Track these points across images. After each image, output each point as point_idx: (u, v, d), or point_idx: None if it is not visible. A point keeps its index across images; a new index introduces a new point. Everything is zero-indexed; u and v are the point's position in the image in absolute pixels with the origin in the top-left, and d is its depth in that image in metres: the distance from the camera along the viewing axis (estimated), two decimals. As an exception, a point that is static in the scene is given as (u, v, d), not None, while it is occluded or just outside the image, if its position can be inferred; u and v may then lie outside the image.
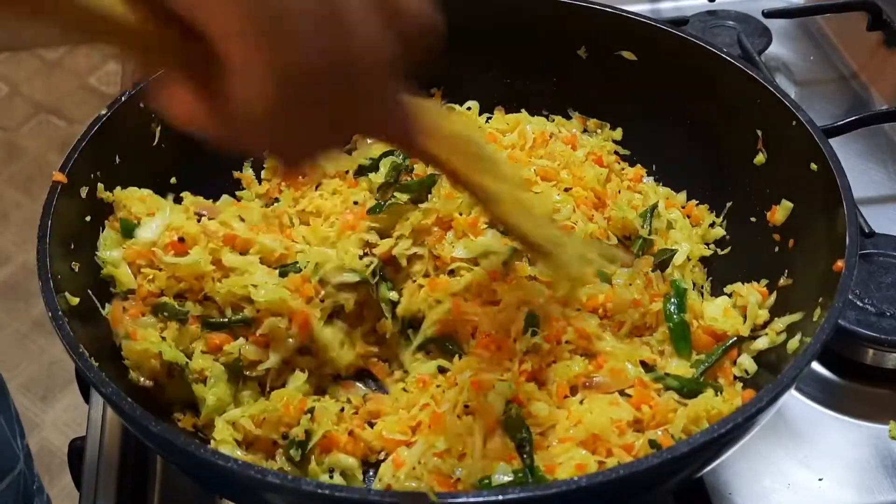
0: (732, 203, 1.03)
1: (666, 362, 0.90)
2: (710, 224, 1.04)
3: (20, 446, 1.22)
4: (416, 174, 1.03)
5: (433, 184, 0.99)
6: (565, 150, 1.06)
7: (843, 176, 0.85)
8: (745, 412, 0.68)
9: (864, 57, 1.40)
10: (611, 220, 1.00)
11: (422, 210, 0.97)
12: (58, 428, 2.42)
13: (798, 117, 0.92)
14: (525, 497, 0.62)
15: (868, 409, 0.95)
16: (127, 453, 0.91)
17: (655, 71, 1.08)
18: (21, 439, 1.24)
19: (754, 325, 0.91)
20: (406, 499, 0.62)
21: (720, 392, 0.85)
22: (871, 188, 1.19)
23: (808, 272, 0.88)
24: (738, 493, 0.87)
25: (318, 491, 0.63)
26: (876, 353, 0.97)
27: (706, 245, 1.03)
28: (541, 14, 1.11)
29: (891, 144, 1.27)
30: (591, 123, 1.15)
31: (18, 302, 2.75)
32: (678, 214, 1.05)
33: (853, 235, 0.80)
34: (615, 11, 1.08)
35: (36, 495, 1.26)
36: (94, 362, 0.72)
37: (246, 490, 0.70)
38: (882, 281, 1.00)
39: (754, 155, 1.00)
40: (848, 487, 0.88)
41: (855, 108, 1.31)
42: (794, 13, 1.44)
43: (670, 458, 0.65)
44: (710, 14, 1.43)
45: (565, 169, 1.04)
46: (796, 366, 0.72)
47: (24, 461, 1.22)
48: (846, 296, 0.76)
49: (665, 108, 1.10)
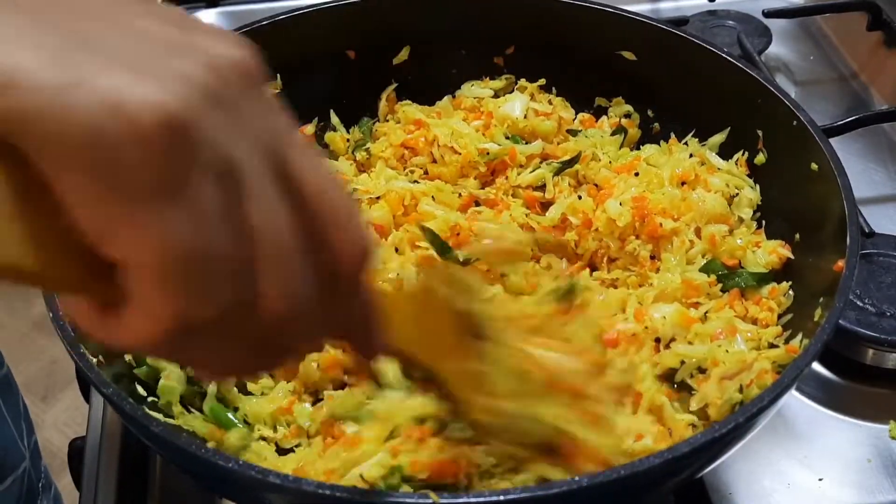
0: (732, 203, 1.03)
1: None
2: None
3: (27, 444, 1.22)
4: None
5: None
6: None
7: (843, 176, 0.85)
8: (745, 412, 0.68)
9: (864, 57, 1.40)
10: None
11: None
12: (58, 428, 2.42)
13: (798, 117, 0.92)
14: (525, 497, 0.62)
15: (868, 409, 0.95)
16: (127, 453, 0.91)
17: (655, 71, 1.08)
18: (28, 437, 1.24)
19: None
20: (407, 499, 0.62)
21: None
22: (871, 188, 1.19)
23: (809, 272, 0.89)
24: (738, 493, 0.87)
25: (318, 491, 0.63)
26: (876, 353, 0.97)
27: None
28: (540, 14, 1.11)
29: (891, 144, 1.27)
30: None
31: (18, 302, 2.75)
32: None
33: (853, 235, 0.80)
34: (615, 11, 1.08)
35: (42, 492, 1.26)
36: (94, 362, 0.72)
37: (246, 490, 0.70)
38: (882, 281, 1.00)
39: (754, 155, 1.00)
40: (848, 487, 0.88)
41: (855, 108, 1.31)
42: (794, 13, 1.44)
43: (670, 458, 0.65)
44: (710, 14, 1.43)
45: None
46: (797, 366, 0.72)
47: (30, 459, 1.22)
48: (847, 296, 0.76)
49: (665, 108, 1.10)
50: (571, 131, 1.10)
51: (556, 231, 1.00)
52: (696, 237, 0.96)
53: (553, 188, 1.04)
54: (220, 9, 1.50)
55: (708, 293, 0.91)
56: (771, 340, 0.86)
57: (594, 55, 1.11)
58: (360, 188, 1.03)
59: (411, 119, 1.10)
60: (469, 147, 1.05)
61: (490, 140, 1.07)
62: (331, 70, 1.13)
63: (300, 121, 1.11)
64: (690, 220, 0.96)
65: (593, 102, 1.15)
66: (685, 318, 0.88)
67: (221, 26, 1.44)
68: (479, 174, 1.06)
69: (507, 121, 1.09)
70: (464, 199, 1.03)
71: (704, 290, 0.91)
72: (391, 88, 1.16)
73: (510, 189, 1.05)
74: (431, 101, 1.15)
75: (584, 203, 0.99)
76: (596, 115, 1.14)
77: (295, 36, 1.09)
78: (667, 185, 0.98)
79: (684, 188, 0.98)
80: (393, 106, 1.15)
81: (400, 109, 1.14)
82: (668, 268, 0.94)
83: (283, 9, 1.09)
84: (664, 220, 0.95)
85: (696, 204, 0.96)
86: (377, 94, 1.16)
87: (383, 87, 1.16)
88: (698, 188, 0.99)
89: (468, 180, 1.06)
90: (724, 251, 0.95)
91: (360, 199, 0.99)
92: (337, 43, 1.12)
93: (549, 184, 1.04)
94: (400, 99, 1.16)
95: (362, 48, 1.13)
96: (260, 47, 0.47)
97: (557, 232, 1.00)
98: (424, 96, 1.15)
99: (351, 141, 1.14)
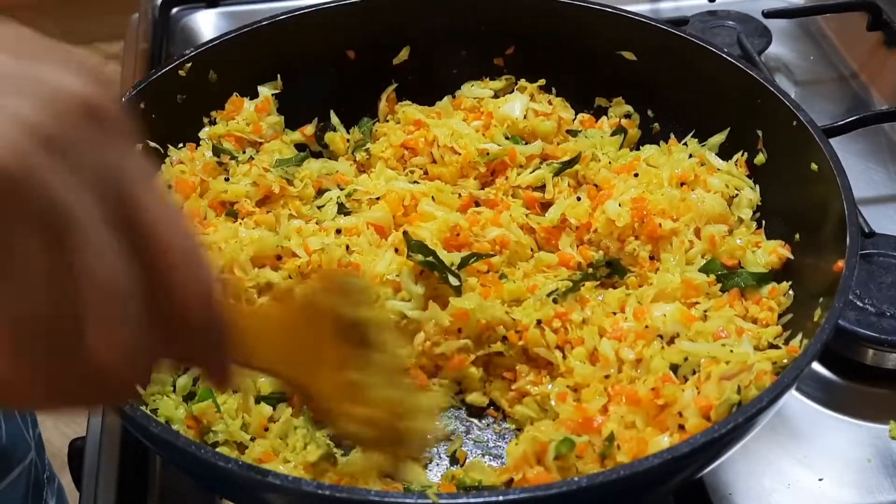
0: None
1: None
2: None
3: (32, 436, 1.23)
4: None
5: None
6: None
7: (843, 176, 0.85)
8: (745, 412, 0.68)
9: (864, 57, 1.40)
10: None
11: None
12: (58, 428, 2.42)
13: (798, 117, 0.92)
14: (525, 497, 0.62)
15: (868, 409, 0.95)
16: (127, 453, 0.91)
17: (655, 71, 1.08)
18: (33, 428, 1.25)
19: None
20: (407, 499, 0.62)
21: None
22: (871, 188, 1.19)
23: (808, 272, 0.89)
24: (738, 493, 0.87)
25: (318, 491, 0.63)
26: (876, 353, 0.96)
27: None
28: (540, 14, 1.12)
29: (891, 144, 1.27)
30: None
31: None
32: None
33: (853, 235, 0.80)
34: (615, 11, 1.08)
35: (46, 484, 1.26)
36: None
37: (246, 490, 0.70)
38: (882, 281, 1.00)
39: (754, 155, 1.00)
40: (848, 487, 0.88)
41: (855, 108, 1.31)
42: (794, 13, 1.44)
43: (670, 458, 0.65)
44: (710, 14, 1.43)
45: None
46: (797, 366, 0.72)
47: (35, 451, 1.23)
48: (846, 296, 0.76)
49: (665, 108, 1.10)
50: (571, 132, 1.10)
51: (555, 231, 1.00)
52: (696, 237, 0.96)
53: (553, 189, 1.04)
54: (220, 9, 1.50)
55: (707, 293, 0.91)
56: (771, 340, 0.86)
57: (594, 55, 1.11)
58: (360, 188, 1.03)
59: (411, 119, 1.10)
60: (469, 147, 1.05)
61: (490, 140, 1.08)
62: (331, 70, 1.13)
63: (300, 121, 1.12)
64: (690, 220, 0.96)
65: (593, 102, 1.15)
66: (686, 316, 0.88)
67: (222, 27, 1.45)
68: (478, 174, 1.06)
69: (507, 121, 1.09)
70: (464, 200, 1.03)
71: (704, 290, 0.91)
72: (391, 89, 1.16)
73: (510, 189, 1.05)
74: (431, 102, 1.15)
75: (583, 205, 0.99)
76: (596, 115, 1.14)
77: (295, 36, 1.09)
78: (666, 186, 0.98)
79: (684, 189, 0.98)
80: (393, 106, 1.15)
81: (400, 110, 1.14)
82: (668, 268, 0.94)
83: (283, 9, 1.10)
84: (663, 220, 0.95)
85: (696, 204, 0.96)
86: (377, 94, 1.16)
87: (383, 87, 1.16)
88: (698, 189, 0.99)
89: (468, 181, 1.06)
90: (723, 251, 0.95)
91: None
92: (337, 43, 1.13)
93: (548, 184, 1.04)
94: (400, 99, 1.16)
95: (362, 48, 1.13)
96: (260, 47, 0.46)
97: (557, 232, 1.00)
98: (424, 96, 1.15)
99: (351, 141, 1.14)
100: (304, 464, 0.81)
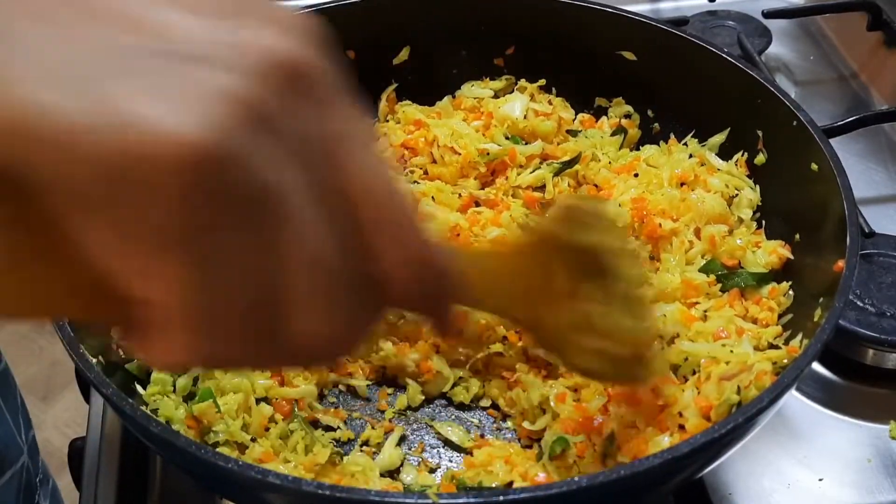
0: (732, 203, 1.03)
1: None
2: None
3: (25, 439, 1.22)
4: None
5: None
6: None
7: (843, 176, 0.85)
8: (745, 412, 0.68)
9: (864, 57, 1.40)
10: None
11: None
12: (58, 428, 2.42)
13: (798, 117, 0.92)
14: (525, 497, 0.62)
15: (868, 409, 0.95)
16: (127, 453, 0.91)
17: (655, 71, 1.08)
18: (27, 431, 1.24)
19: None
20: (407, 499, 0.62)
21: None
22: (871, 188, 1.19)
23: (808, 272, 0.88)
24: (738, 493, 0.87)
25: (318, 491, 0.63)
26: (876, 353, 0.96)
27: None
28: (540, 14, 1.11)
29: (891, 144, 1.27)
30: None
31: (18, 302, 2.75)
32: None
33: (853, 235, 0.80)
34: (615, 11, 1.08)
35: (39, 487, 1.26)
36: (93, 362, 0.72)
37: (246, 490, 0.70)
38: (882, 281, 1.00)
39: (754, 155, 1.00)
40: (848, 487, 0.88)
41: (855, 108, 1.31)
42: (794, 13, 1.44)
43: (670, 458, 0.65)
44: (710, 14, 1.43)
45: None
46: (797, 366, 0.72)
47: (27, 454, 1.22)
48: (847, 296, 0.76)
49: (665, 108, 1.10)
50: (571, 132, 1.10)
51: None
52: (696, 238, 0.96)
53: (553, 189, 1.04)
54: (220, 9, 1.50)
55: (707, 293, 0.91)
56: (771, 340, 0.86)
57: (594, 55, 1.11)
58: None
59: (411, 119, 1.10)
60: (469, 147, 1.05)
61: (490, 140, 1.08)
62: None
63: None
64: (690, 220, 0.96)
65: (593, 103, 1.15)
66: (686, 316, 0.88)
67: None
68: (478, 175, 1.06)
69: (507, 121, 1.09)
70: (464, 200, 1.03)
71: (704, 291, 0.91)
72: (391, 89, 1.16)
73: (510, 189, 1.05)
74: (431, 102, 1.15)
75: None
76: (596, 115, 1.14)
77: (295, 36, 1.08)
78: (666, 186, 0.98)
79: (684, 189, 0.98)
80: (393, 106, 1.15)
81: (400, 110, 1.14)
82: (668, 268, 0.94)
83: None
84: (663, 220, 0.95)
85: (696, 204, 0.96)
86: (377, 94, 1.16)
87: (383, 87, 1.16)
88: (698, 189, 0.99)
89: (468, 181, 1.06)
90: (723, 251, 0.95)
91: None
92: (337, 43, 1.12)
93: (548, 184, 1.04)
94: (400, 99, 1.16)
95: (362, 48, 1.12)
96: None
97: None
98: (424, 96, 1.15)
99: (351, 141, 1.13)
100: (304, 464, 0.81)
